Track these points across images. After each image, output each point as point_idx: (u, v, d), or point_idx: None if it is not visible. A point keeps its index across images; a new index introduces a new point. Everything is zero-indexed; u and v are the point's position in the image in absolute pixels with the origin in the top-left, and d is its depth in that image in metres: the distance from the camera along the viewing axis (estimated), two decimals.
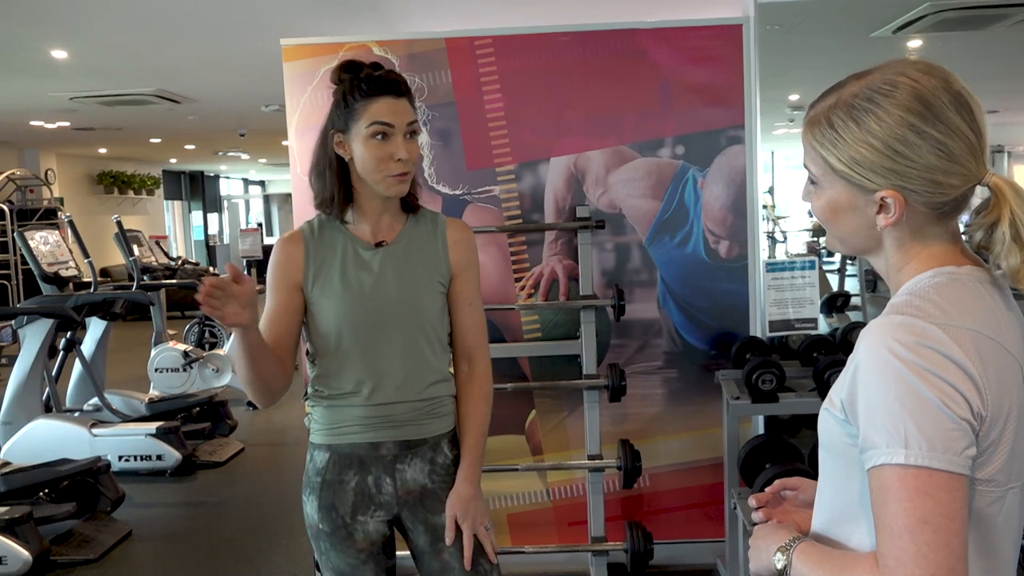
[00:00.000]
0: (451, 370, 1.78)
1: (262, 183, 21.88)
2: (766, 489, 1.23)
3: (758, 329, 3.17)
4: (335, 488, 1.68)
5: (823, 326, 3.58)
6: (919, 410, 0.88)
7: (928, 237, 1.00)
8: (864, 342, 0.94)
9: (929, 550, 0.86)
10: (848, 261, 5.41)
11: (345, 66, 1.65)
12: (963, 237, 1.03)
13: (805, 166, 1.06)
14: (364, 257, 1.68)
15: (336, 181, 1.66)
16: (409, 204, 1.74)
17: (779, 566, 1.02)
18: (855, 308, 5.04)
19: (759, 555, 1.07)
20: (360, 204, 1.69)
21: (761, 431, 3.15)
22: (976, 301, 0.96)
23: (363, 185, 1.66)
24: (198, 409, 5.60)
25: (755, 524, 1.18)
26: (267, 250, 10.47)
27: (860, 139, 0.97)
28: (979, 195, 1.00)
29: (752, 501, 1.21)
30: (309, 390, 1.75)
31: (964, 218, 1.03)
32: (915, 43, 5.38)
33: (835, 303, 4.58)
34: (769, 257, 3.80)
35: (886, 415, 0.89)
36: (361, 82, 1.61)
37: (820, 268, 3.17)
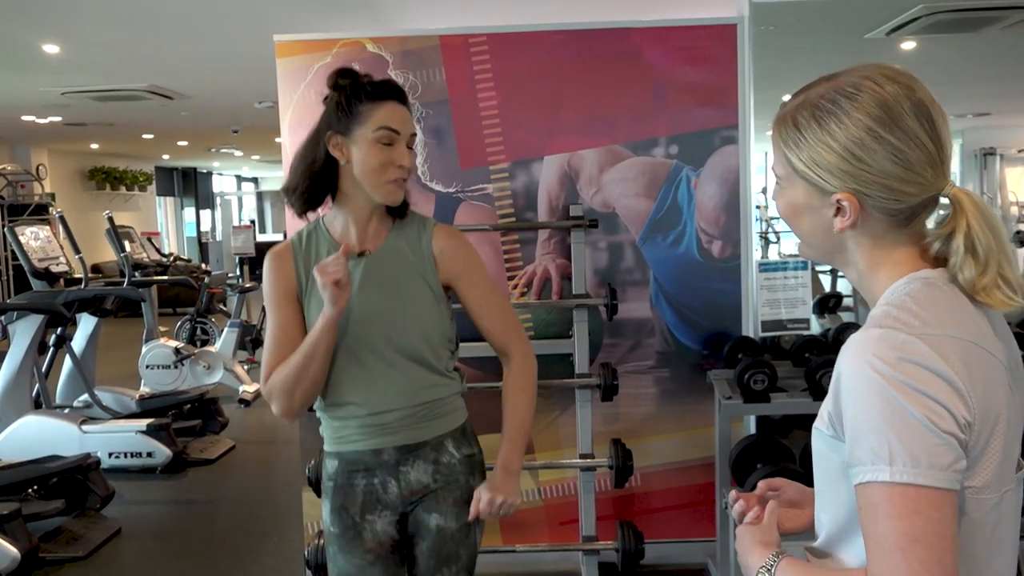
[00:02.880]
0: (454, 367, 1.77)
1: (255, 180, 21.82)
2: (753, 492, 1.24)
3: (750, 329, 3.17)
4: (346, 491, 1.73)
5: (815, 326, 3.58)
6: (903, 427, 0.87)
7: (889, 243, 1.00)
8: (846, 357, 0.93)
9: (922, 568, 0.85)
10: None
11: (341, 72, 1.66)
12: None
13: (772, 167, 1.07)
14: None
15: (308, 179, 1.66)
16: (397, 209, 1.72)
17: None
18: (847, 309, 5.05)
19: (745, 568, 1.07)
20: (349, 208, 1.68)
21: (753, 431, 3.16)
22: (954, 305, 0.96)
23: (356, 189, 1.65)
24: (189, 406, 5.58)
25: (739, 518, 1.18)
26: (260, 247, 10.43)
27: (821, 140, 0.98)
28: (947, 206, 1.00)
29: (733, 496, 1.22)
30: (317, 399, 1.76)
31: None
32: (908, 45, 5.40)
33: (827, 304, 4.59)
34: (762, 257, 3.81)
35: (870, 432, 0.89)
36: (366, 86, 1.62)
37: (812, 269, 3.17)
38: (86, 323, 5.60)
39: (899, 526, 0.86)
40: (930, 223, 1.02)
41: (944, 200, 0.99)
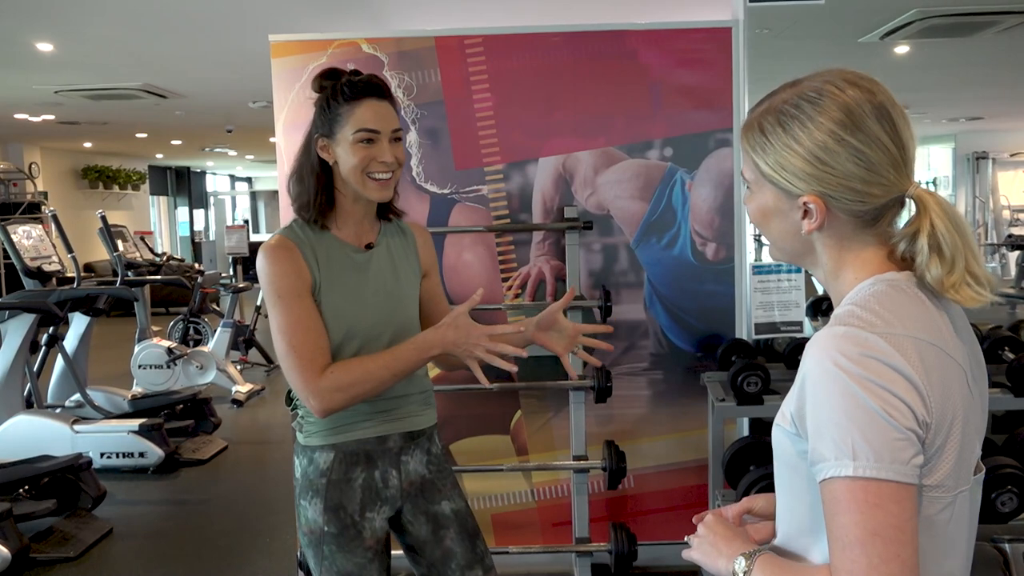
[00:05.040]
0: None
1: (249, 180, 21.79)
2: (732, 508, 1.23)
3: (744, 331, 3.18)
4: (342, 487, 1.70)
5: (808, 329, 3.59)
6: (865, 421, 0.89)
7: (856, 244, 1.02)
8: (810, 355, 0.95)
9: (880, 562, 0.87)
10: None
11: (326, 73, 1.68)
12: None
13: (741, 172, 1.09)
14: (357, 260, 1.71)
15: (317, 186, 1.67)
16: (386, 214, 1.79)
17: (741, 571, 1.02)
18: None
19: (715, 555, 1.08)
20: (343, 208, 1.71)
21: (746, 433, 3.16)
22: (916, 307, 0.97)
23: (347, 188, 1.68)
24: (181, 406, 5.56)
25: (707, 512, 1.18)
26: (253, 247, 10.41)
27: (786, 144, 1.00)
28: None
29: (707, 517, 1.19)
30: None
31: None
32: (902, 49, 5.42)
33: (820, 306, 4.60)
34: (755, 260, 3.81)
35: (834, 428, 0.90)
36: (344, 87, 1.64)
37: (806, 272, 3.18)
38: (78, 322, 5.58)
39: (860, 520, 0.88)
40: (900, 224, 1.03)
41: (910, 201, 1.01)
